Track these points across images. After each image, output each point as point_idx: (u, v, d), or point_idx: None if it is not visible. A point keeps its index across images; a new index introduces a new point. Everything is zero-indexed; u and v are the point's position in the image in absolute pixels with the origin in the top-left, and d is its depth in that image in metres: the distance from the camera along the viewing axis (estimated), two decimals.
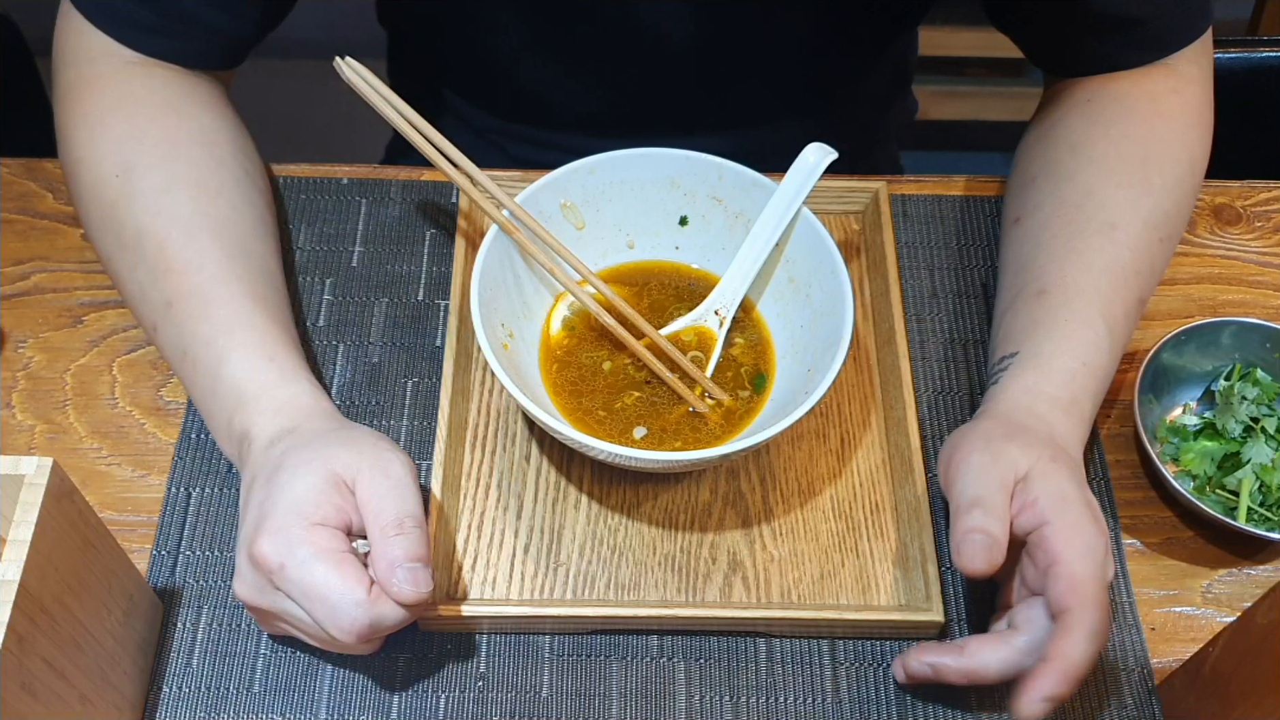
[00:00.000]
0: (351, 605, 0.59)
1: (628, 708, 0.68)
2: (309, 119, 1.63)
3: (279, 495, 0.62)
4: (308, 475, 0.62)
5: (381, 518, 0.62)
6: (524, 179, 0.80)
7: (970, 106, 1.95)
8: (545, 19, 0.87)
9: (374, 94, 0.74)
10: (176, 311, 0.71)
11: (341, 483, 0.63)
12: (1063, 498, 0.64)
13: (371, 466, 0.63)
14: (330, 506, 0.62)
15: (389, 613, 0.61)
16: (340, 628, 0.60)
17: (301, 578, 0.60)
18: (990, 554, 0.62)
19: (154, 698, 0.68)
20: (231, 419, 0.68)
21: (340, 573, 0.60)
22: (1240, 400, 0.76)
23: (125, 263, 0.73)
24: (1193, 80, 0.80)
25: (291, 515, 0.61)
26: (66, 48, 0.79)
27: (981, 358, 0.81)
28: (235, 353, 0.69)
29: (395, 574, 0.60)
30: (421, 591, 0.61)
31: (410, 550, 0.61)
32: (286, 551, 0.60)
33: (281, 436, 0.66)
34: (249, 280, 0.72)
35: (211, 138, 0.77)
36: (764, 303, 0.80)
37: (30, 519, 0.54)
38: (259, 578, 0.62)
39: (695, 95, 0.92)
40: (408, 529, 0.61)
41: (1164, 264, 0.77)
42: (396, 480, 0.63)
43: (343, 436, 0.65)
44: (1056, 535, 0.62)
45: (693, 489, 0.75)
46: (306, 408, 0.68)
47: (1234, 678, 0.62)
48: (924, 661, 0.66)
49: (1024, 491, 0.64)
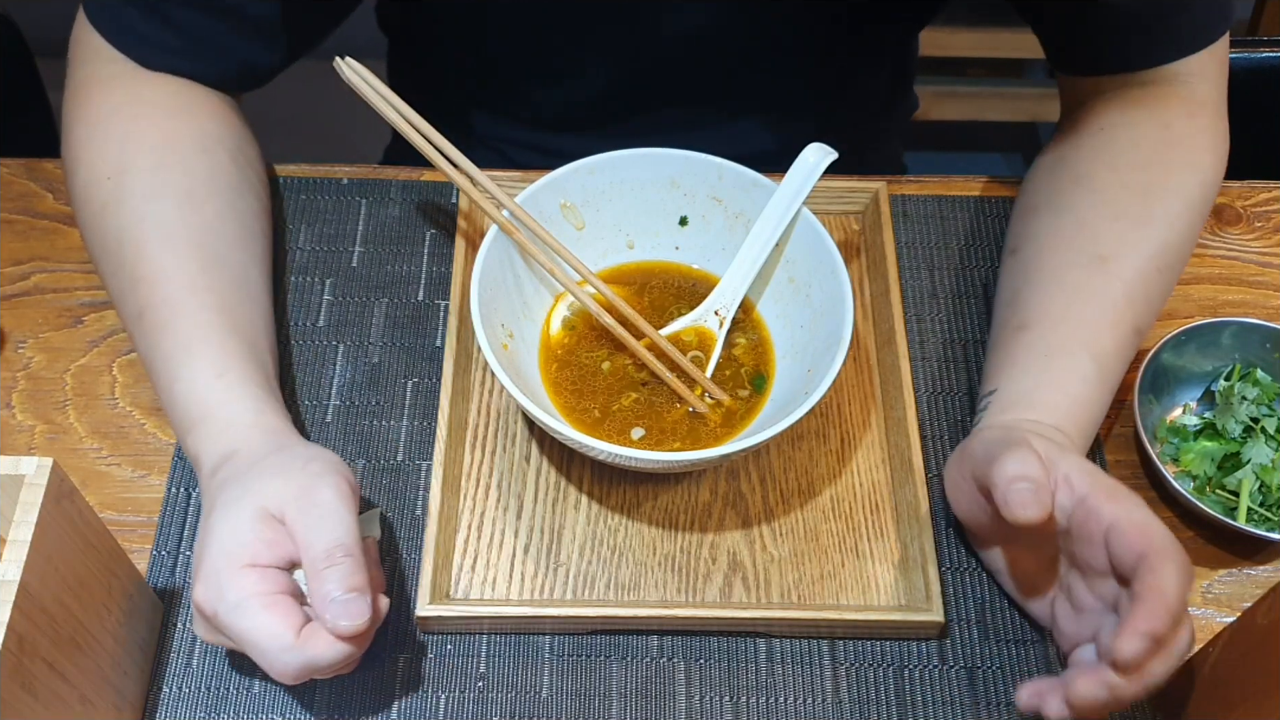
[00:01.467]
0: (279, 650, 0.58)
1: (628, 708, 0.68)
2: (309, 119, 1.64)
3: (211, 537, 0.61)
4: (236, 514, 0.61)
5: (311, 551, 0.60)
6: (524, 179, 0.80)
7: (970, 106, 1.95)
8: (549, 22, 0.87)
9: (374, 94, 0.74)
10: (145, 323, 0.70)
11: (270, 517, 0.61)
12: (1092, 471, 0.62)
13: (298, 498, 0.61)
14: (260, 544, 0.60)
15: (322, 652, 0.59)
16: (275, 670, 0.59)
17: (231, 624, 0.59)
18: (1039, 497, 0.59)
19: (154, 698, 0.68)
20: (185, 439, 0.68)
21: (267, 618, 0.58)
22: (1240, 400, 0.76)
23: (109, 267, 0.73)
24: (1208, 104, 0.79)
25: (221, 559, 0.60)
26: (83, 46, 0.78)
27: (982, 357, 0.81)
28: (186, 369, 0.68)
29: (329, 609, 0.58)
30: (357, 623, 0.58)
31: (343, 581, 0.59)
32: (217, 598, 0.59)
33: (222, 463, 0.65)
34: (219, 291, 0.71)
35: (211, 144, 0.77)
36: (764, 303, 0.80)
37: (30, 519, 0.54)
38: (204, 621, 0.62)
39: (698, 98, 0.92)
40: (337, 559, 0.59)
41: (1164, 293, 0.76)
42: (325, 508, 0.61)
43: (274, 464, 0.63)
44: (1101, 500, 0.60)
45: (693, 489, 0.75)
46: (247, 425, 0.67)
47: (1234, 678, 0.62)
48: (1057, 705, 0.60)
49: (1053, 470, 0.62)
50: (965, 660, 0.70)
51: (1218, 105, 0.80)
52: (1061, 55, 0.84)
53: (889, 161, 1.11)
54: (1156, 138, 0.78)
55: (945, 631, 0.71)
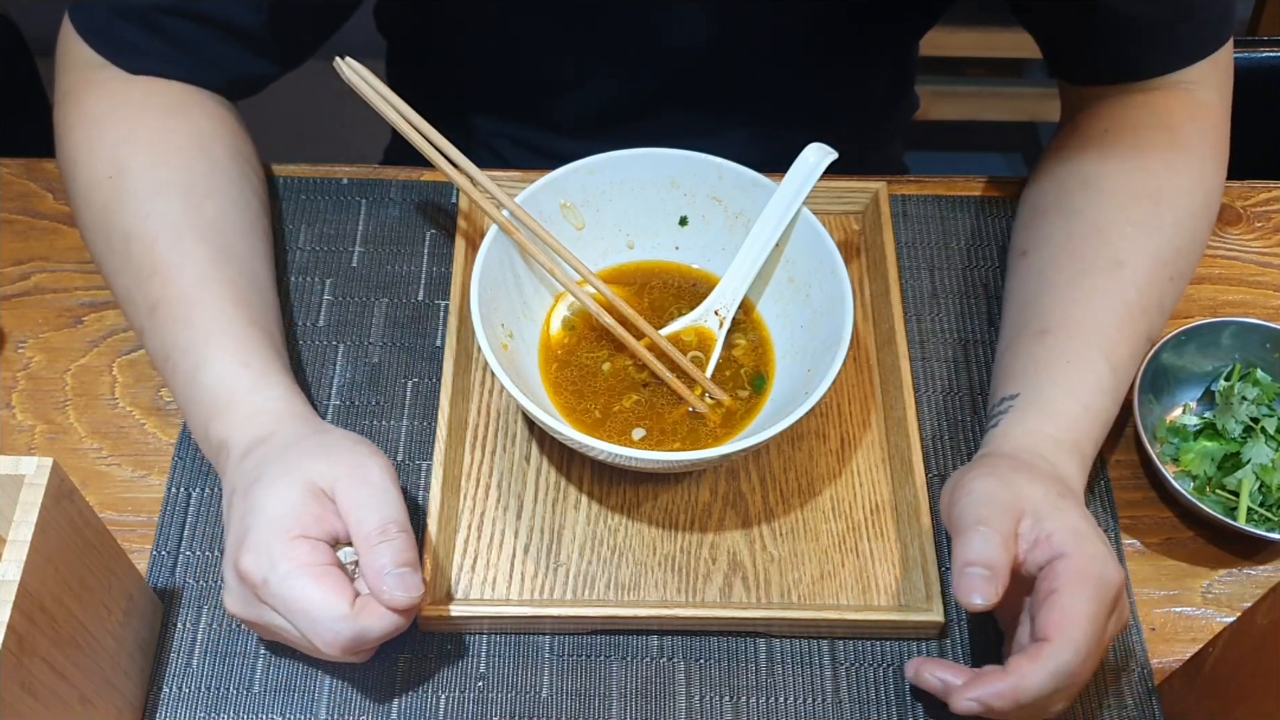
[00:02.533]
0: (333, 619, 0.59)
1: (628, 708, 0.68)
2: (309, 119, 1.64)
3: (258, 509, 0.62)
4: (285, 488, 0.62)
5: (364, 526, 0.61)
6: (524, 179, 0.80)
7: (970, 106, 1.95)
8: (553, 24, 0.87)
9: (374, 94, 0.74)
10: (160, 316, 0.71)
11: (320, 492, 0.62)
12: (1079, 533, 0.62)
13: (349, 475, 0.63)
14: (310, 518, 0.61)
15: (374, 624, 0.60)
16: (324, 641, 0.60)
17: (284, 593, 0.59)
18: (989, 587, 0.60)
19: (154, 698, 0.68)
20: (208, 427, 0.68)
21: (322, 587, 0.59)
22: (1240, 400, 0.76)
23: (114, 265, 0.73)
24: (1212, 109, 0.79)
25: (272, 530, 0.61)
26: (69, 53, 0.78)
27: (982, 358, 0.81)
28: (211, 359, 0.68)
29: (384, 581, 0.60)
30: (413, 595, 0.60)
31: (397, 556, 0.61)
32: (269, 566, 0.60)
33: (255, 446, 0.66)
34: (233, 284, 0.71)
35: (208, 141, 0.77)
36: (764, 303, 0.80)
37: (30, 519, 0.54)
38: (245, 592, 0.62)
39: (700, 102, 0.92)
40: (392, 534, 0.61)
41: (1174, 301, 0.76)
42: (375, 486, 0.62)
43: (317, 444, 0.65)
44: (1070, 567, 0.60)
45: (693, 489, 0.75)
46: (279, 412, 0.67)
47: (1234, 678, 0.62)
48: (937, 676, 0.64)
49: (1036, 527, 0.62)
50: (965, 660, 0.70)
51: (1222, 111, 0.79)
52: (1063, 64, 0.84)
53: (889, 161, 1.11)
54: (1163, 141, 0.77)
55: (945, 631, 0.71)
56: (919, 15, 0.94)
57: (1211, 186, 0.78)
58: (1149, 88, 0.79)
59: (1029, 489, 0.64)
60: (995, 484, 0.64)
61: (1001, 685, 0.60)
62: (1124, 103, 0.79)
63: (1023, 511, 0.63)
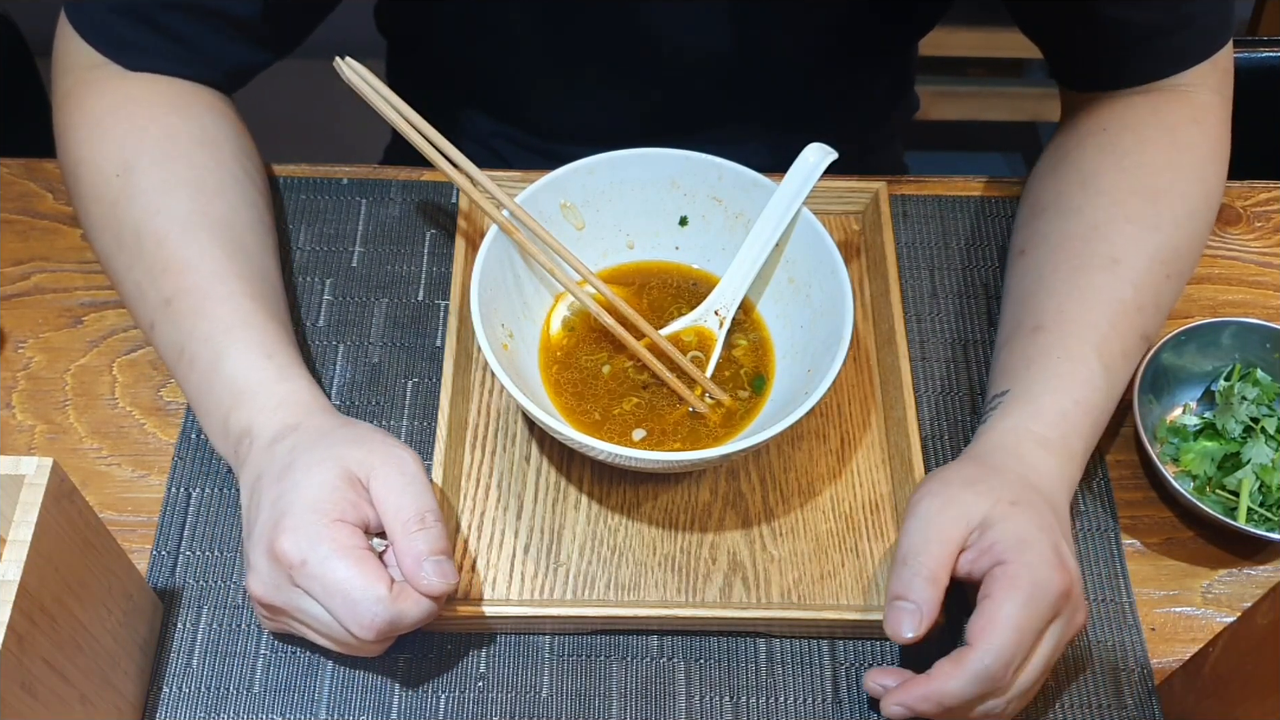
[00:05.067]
0: (373, 601, 0.60)
1: (628, 708, 0.68)
2: (309, 119, 1.64)
3: (295, 493, 0.62)
4: (322, 473, 0.63)
5: (402, 514, 0.62)
6: (524, 179, 0.80)
7: (971, 106, 1.95)
8: (555, 29, 0.87)
9: (374, 94, 0.74)
10: (174, 309, 0.71)
11: (356, 480, 0.63)
12: (1022, 540, 0.63)
13: (385, 464, 0.63)
14: (346, 503, 0.62)
15: (409, 610, 0.61)
16: (361, 624, 0.60)
17: (323, 574, 0.60)
18: (916, 621, 0.62)
19: (154, 698, 0.68)
20: (229, 416, 0.68)
21: (362, 569, 0.60)
22: (1240, 400, 0.76)
23: (124, 261, 0.73)
24: (1212, 110, 0.79)
25: (311, 512, 0.61)
26: (67, 54, 0.78)
27: (982, 357, 0.81)
28: (234, 349, 0.69)
29: (422, 568, 0.61)
30: (449, 582, 0.62)
31: (434, 544, 0.62)
32: (309, 548, 0.60)
33: (285, 434, 0.66)
34: (247, 279, 0.72)
35: (212, 138, 0.77)
36: (764, 303, 0.80)
37: (30, 519, 0.54)
38: (278, 575, 0.62)
39: (699, 107, 0.92)
40: (429, 523, 0.62)
41: (1172, 300, 0.76)
42: (411, 476, 0.64)
43: (351, 434, 0.66)
44: (1005, 574, 0.62)
45: (693, 489, 0.75)
46: (306, 403, 0.68)
47: (1234, 678, 0.62)
48: (877, 681, 0.66)
49: (981, 538, 0.64)
50: None
51: (1222, 112, 0.80)
52: (1063, 69, 0.84)
53: (889, 161, 1.11)
54: (1163, 140, 0.77)
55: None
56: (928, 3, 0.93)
57: (1211, 186, 0.78)
58: (1149, 89, 0.79)
59: (976, 505, 0.65)
60: (939, 505, 0.65)
61: (925, 689, 0.62)
62: (1124, 103, 0.80)
63: (968, 528, 0.64)
